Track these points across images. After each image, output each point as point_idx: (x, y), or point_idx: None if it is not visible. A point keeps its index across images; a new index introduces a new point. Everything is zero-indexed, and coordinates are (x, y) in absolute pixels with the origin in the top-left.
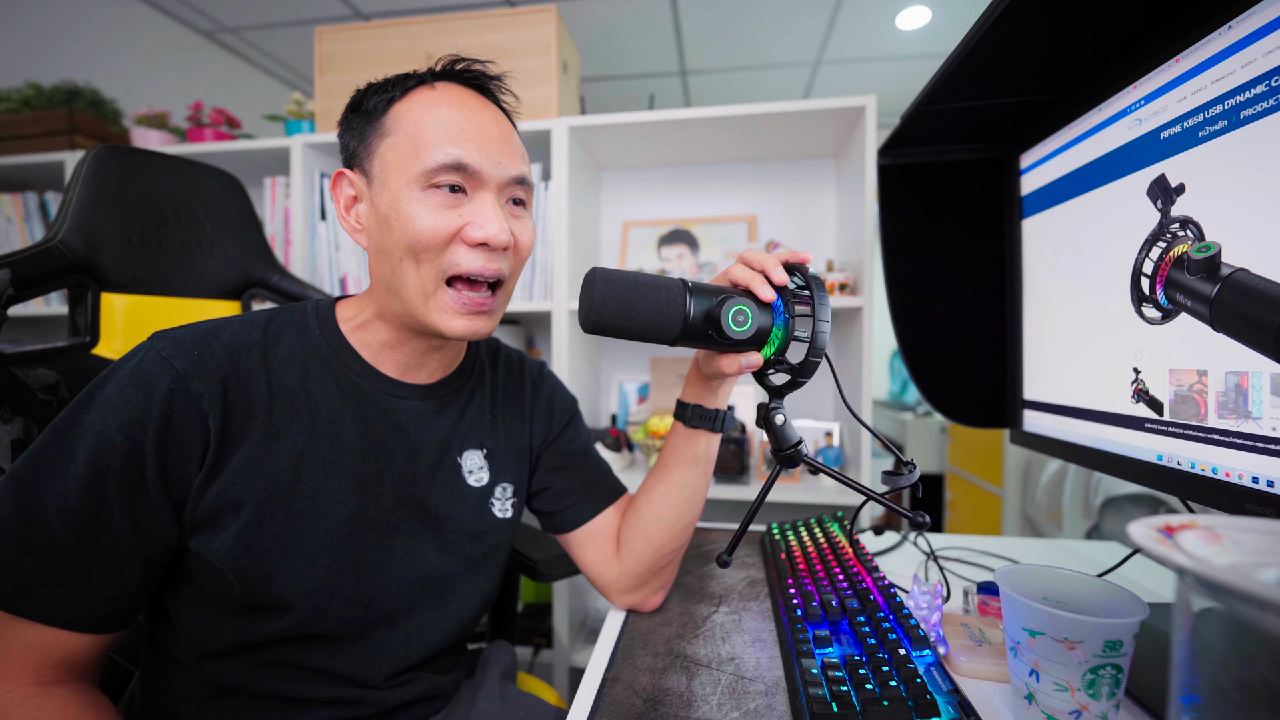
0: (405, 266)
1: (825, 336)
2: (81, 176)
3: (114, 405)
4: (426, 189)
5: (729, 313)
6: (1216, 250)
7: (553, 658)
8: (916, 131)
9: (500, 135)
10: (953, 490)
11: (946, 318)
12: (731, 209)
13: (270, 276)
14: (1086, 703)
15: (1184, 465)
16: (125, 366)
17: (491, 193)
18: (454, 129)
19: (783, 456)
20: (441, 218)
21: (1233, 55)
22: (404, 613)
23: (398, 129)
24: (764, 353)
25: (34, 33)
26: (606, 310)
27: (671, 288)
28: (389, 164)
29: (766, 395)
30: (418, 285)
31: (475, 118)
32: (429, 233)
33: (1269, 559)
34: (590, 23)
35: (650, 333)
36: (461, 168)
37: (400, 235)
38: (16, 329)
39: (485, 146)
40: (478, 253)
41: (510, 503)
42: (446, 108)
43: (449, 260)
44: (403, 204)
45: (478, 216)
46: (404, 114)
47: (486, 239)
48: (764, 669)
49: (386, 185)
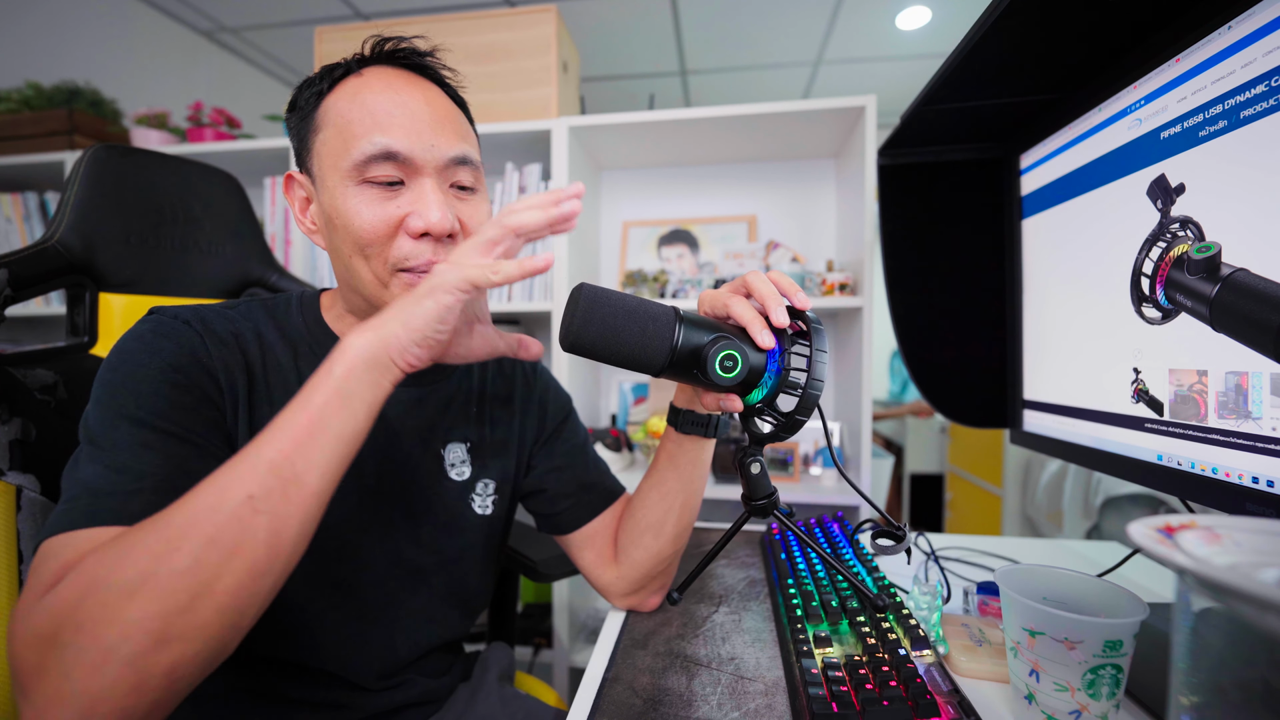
0: (356, 263)
1: (817, 394)
2: (79, 176)
3: (149, 352)
4: (361, 183)
5: (718, 356)
6: (1216, 250)
7: (553, 658)
8: (916, 131)
9: (433, 115)
10: (953, 490)
11: (947, 318)
12: (731, 209)
13: (269, 276)
14: (1086, 703)
15: (1184, 465)
16: (137, 333)
17: (430, 178)
18: (380, 115)
19: (755, 506)
20: (379, 210)
21: (1233, 55)
22: (383, 604)
23: (327, 123)
24: (750, 398)
25: (34, 33)
26: (588, 333)
27: (661, 319)
28: (324, 160)
29: (747, 439)
30: (371, 277)
31: (403, 100)
32: (369, 229)
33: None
34: (590, 23)
35: (632, 363)
36: (392, 156)
37: (344, 233)
38: (15, 329)
39: (415, 130)
40: (423, 244)
41: (491, 500)
42: (371, 93)
43: (395, 254)
44: (339, 201)
45: (417, 205)
46: (331, 106)
47: (428, 228)
48: (764, 669)
49: (325, 183)
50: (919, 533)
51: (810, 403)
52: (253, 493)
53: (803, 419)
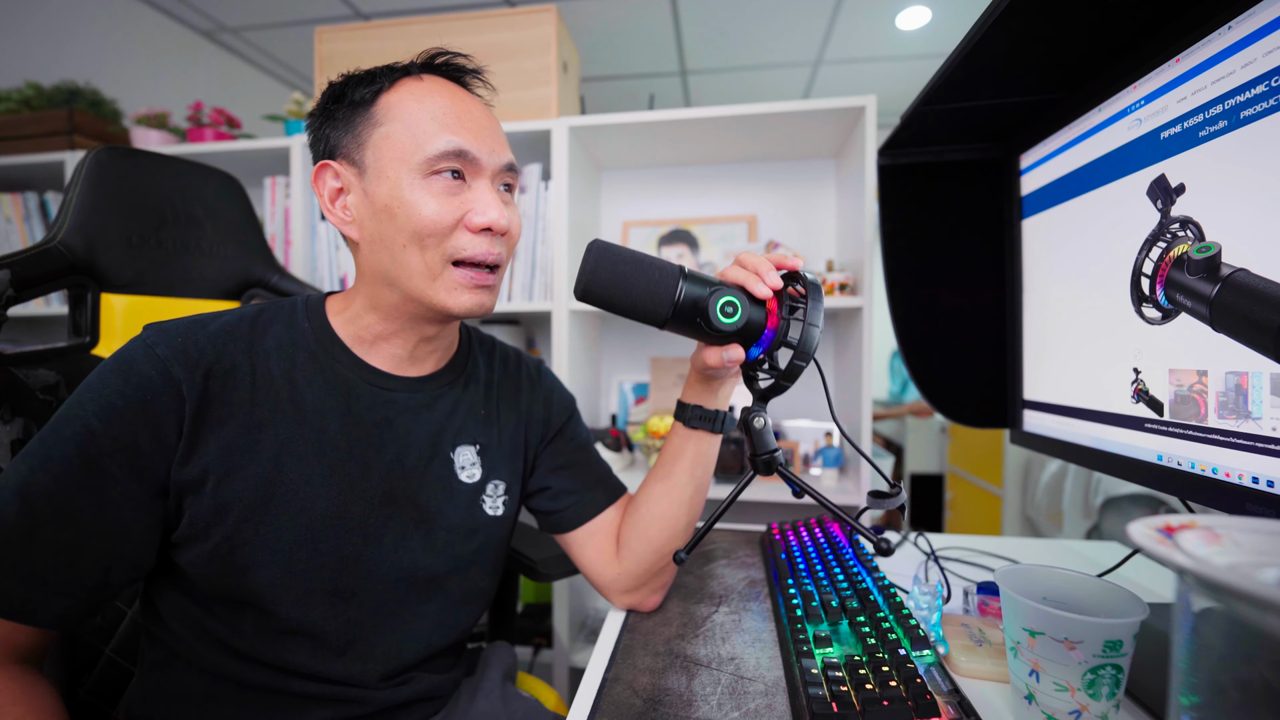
0: (409, 253)
1: (814, 341)
2: (81, 177)
3: (93, 390)
4: (428, 176)
5: (718, 303)
6: (1216, 250)
7: (553, 658)
8: (916, 131)
9: (491, 124)
10: (953, 490)
11: (946, 318)
12: (731, 209)
13: (270, 277)
14: (1086, 703)
15: (1184, 465)
16: (113, 356)
17: (488, 179)
18: (451, 118)
19: (758, 461)
20: (445, 204)
21: (1233, 55)
22: (392, 611)
23: (391, 118)
24: (750, 353)
25: (34, 33)
26: (599, 279)
27: (667, 270)
28: (385, 153)
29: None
30: (423, 268)
31: (468, 108)
32: (434, 219)
33: (1269, 559)
34: (590, 23)
35: (639, 309)
36: (462, 154)
37: (405, 222)
38: (17, 329)
39: (481, 135)
40: (481, 238)
41: (502, 500)
42: (439, 98)
43: (454, 245)
44: (405, 192)
45: (479, 203)
46: (395, 104)
47: (490, 224)
48: (764, 669)
49: (385, 174)
50: (919, 532)
51: (807, 348)
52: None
53: (802, 364)
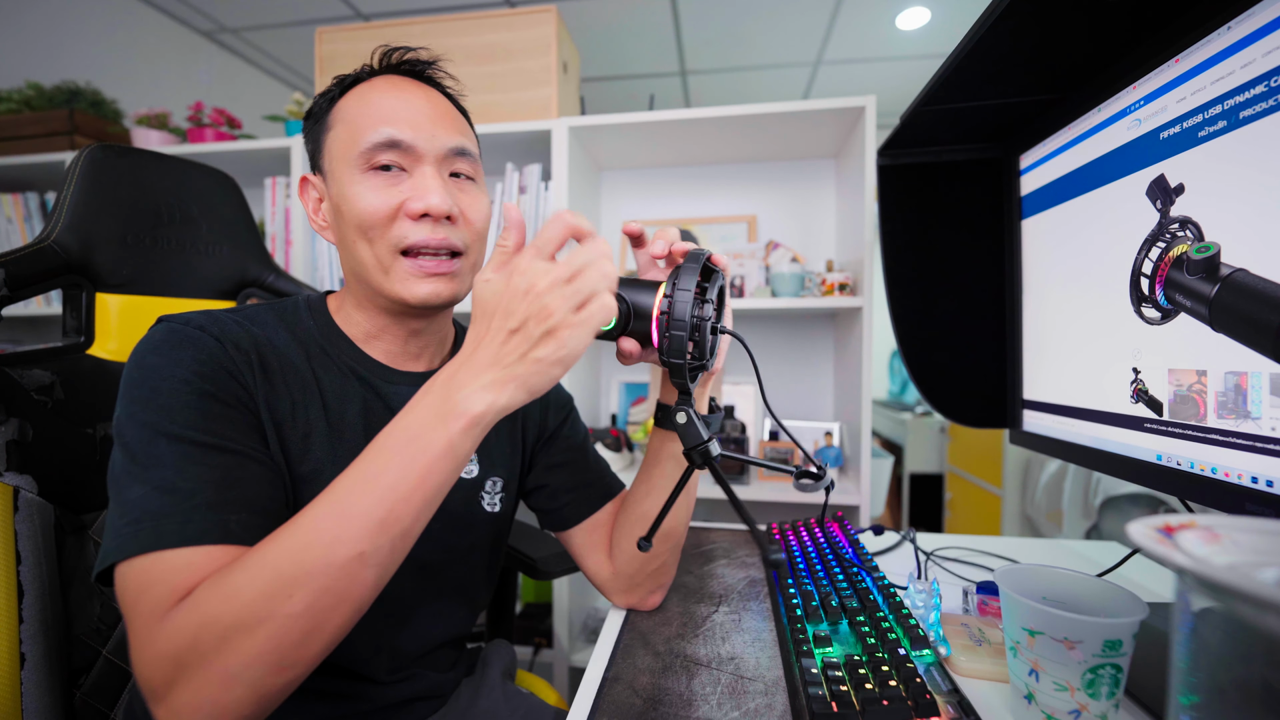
0: (360, 247)
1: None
2: (75, 176)
3: (168, 366)
4: (366, 171)
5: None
6: (1216, 250)
7: (553, 657)
8: (916, 131)
9: (434, 110)
10: (952, 490)
11: (946, 318)
12: (731, 209)
13: (266, 276)
14: (1086, 702)
15: (1183, 465)
16: (153, 344)
17: (431, 166)
18: (386, 111)
19: (694, 455)
20: (382, 195)
21: (1232, 55)
22: (392, 600)
23: (338, 122)
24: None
25: (34, 33)
26: None
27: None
28: (333, 155)
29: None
30: (374, 261)
31: (408, 98)
32: (371, 210)
33: (1269, 559)
34: (590, 23)
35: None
36: (395, 144)
37: (350, 217)
38: (13, 329)
39: (417, 123)
40: (422, 224)
41: (499, 497)
42: (378, 94)
43: (396, 235)
44: (347, 188)
45: (417, 189)
46: (343, 108)
47: (427, 209)
48: (764, 669)
49: (334, 175)
50: (911, 530)
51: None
52: (364, 550)
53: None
